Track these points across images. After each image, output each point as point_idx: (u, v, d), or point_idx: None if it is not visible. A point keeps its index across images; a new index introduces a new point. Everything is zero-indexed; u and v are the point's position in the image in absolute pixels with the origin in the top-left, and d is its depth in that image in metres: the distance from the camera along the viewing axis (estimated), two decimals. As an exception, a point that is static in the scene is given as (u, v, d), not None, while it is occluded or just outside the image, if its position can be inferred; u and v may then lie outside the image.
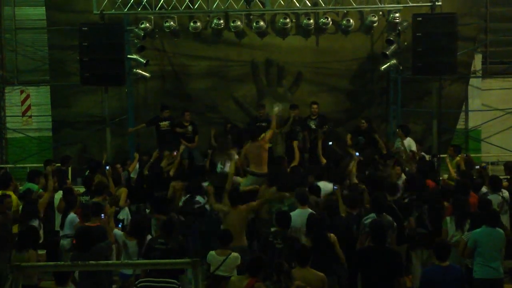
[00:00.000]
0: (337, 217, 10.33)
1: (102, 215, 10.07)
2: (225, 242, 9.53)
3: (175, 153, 13.80)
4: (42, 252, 10.02)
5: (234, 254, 9.45)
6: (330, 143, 14.63)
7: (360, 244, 9.63)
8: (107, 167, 13.01)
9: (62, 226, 11.31)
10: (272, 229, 10.19)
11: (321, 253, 9.22)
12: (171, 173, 12.95)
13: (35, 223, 11.00)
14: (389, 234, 9.42)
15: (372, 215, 9.82)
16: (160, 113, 16.21)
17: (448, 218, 10.20)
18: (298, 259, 8.46)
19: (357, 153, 12.54)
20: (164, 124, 16.04)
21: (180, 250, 9.30)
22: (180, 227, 10.54)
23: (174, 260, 8.50)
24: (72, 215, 11.13)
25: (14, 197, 11.83)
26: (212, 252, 9.52)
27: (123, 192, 12.27)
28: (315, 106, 16.19)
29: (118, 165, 14.30)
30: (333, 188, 11.23)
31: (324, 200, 11.12)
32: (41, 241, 10.47)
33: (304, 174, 12.67)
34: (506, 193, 11.43)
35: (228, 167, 12.66)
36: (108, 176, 12.65)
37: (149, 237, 10.04)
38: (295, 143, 14.15)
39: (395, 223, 9.84)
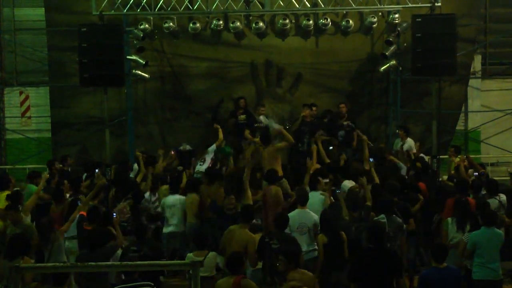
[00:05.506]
0: (341, 220, 10.35)
1: (114, 214, 10.05)
2: (201, 245, 9.59)
3: (172, 152, 13.75)
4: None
5: (212, 253, 9.50)
6: (331, 147, 14.56)
7: None
8: (96, 170, 13.04)
9: None
10: None
11: (336, 249, 9.44)
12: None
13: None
14: (398, 237, 9.50)
15: (382, 216, 9.78)
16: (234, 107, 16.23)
17: (449, 219, 10.19)
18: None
19: (371, 159, 12.47)
20: (242, 117, 15.92)
21: (154, 254, 9.30)
22: None
23: (173, 262, 8.51)
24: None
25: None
26: (190, 254, 9.56)
27: None
28: (342, 105, 16.12)
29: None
30: (336, 191, 11.20)
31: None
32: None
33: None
34: (503, 197, 11.42)
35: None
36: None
37: None
38: (314, 148, 13.86)
39: (404, 225, 9.84)
